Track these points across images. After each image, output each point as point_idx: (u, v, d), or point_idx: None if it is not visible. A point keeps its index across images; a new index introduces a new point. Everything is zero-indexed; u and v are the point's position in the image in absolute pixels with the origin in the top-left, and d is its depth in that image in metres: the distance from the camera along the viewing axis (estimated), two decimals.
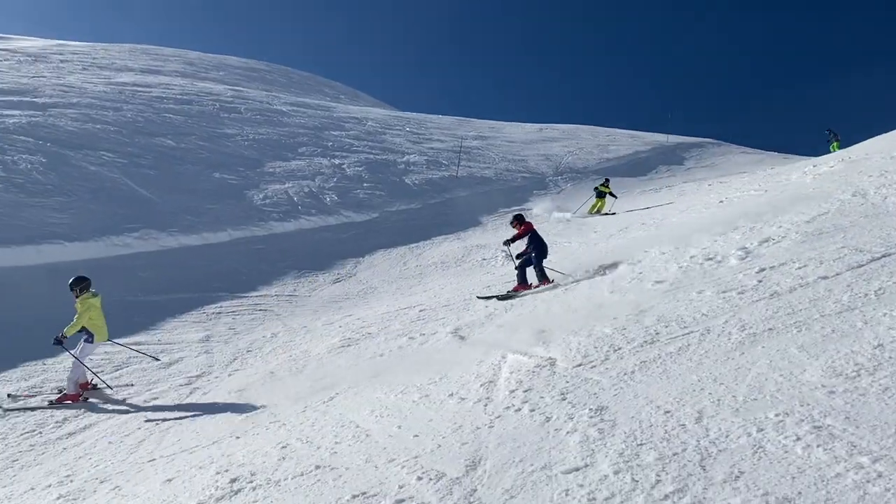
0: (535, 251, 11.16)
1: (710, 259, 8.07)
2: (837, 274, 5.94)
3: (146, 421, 7.70)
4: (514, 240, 11.50)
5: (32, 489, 6.01)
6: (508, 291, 11.16)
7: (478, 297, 11.21)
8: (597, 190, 23.06)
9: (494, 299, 10.78)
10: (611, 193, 22.71)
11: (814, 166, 16.54)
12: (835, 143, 28.89)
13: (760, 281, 6.38)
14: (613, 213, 21.29)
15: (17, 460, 6.95)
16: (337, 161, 25.94)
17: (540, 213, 22.22)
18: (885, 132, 17.86)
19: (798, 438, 3.14)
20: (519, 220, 11.72)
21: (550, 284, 10.62)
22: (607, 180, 23.74)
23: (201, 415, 7.62)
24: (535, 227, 11.62)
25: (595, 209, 22.46)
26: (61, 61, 33.34)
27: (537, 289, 10.71)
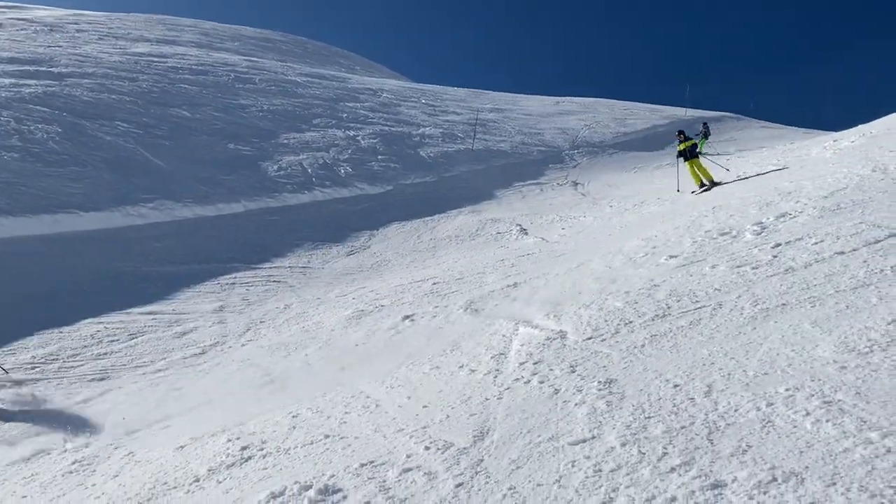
0: None
1: (725, 234, 7.98)
2: (854, 249, 5.86)
3: (159, 389, 7.81)
4: None
5: (48, 454, 6.13)
6: None
7: None
8: (681, 153, 16.33)
9: None
10: (706, 133, 15.27)
11: (834, 141, 16.30)
12: (702, 141, 23.51)
13: (775, 256, 6.31)
14: (719, 183, 15.31)
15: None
16: (352, 133, 25.85)
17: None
18: None
19: (807, 413, 3.11)
20: None
21: None
22: (681, 132, 17.00)
23: (214, 384, 7.72)
24: None
25: (701, 180, 15.66)
26: (77, 31, 33.32)
27: None
